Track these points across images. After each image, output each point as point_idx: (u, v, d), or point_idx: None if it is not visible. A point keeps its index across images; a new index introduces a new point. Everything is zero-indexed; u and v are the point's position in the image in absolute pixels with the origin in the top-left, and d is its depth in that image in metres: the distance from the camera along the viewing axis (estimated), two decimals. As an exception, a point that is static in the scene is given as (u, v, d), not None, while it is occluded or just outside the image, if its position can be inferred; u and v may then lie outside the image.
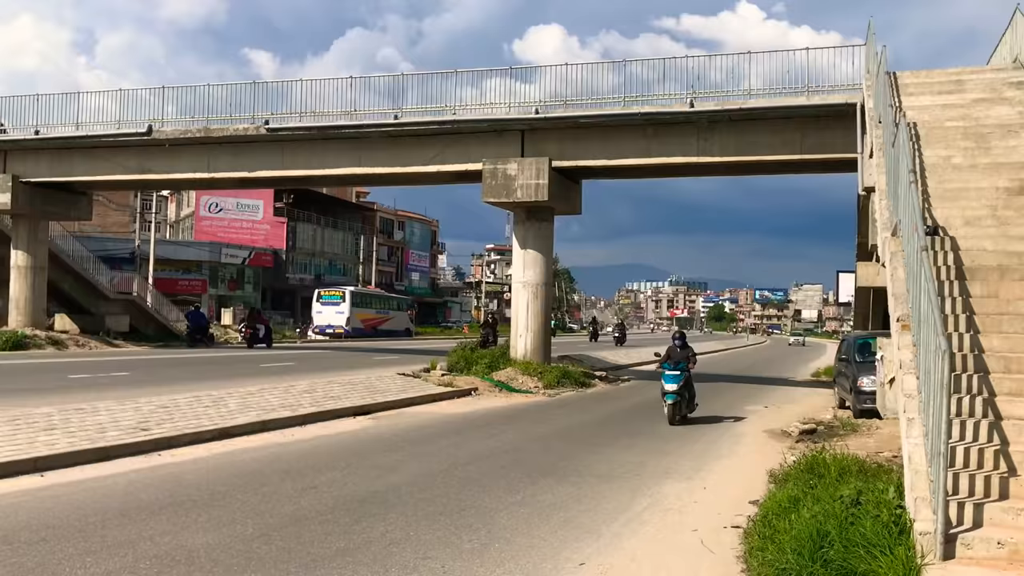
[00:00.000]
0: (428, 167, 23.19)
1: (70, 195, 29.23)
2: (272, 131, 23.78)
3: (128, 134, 25.49)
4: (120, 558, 5.32)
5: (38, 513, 6.46)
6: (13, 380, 16.31)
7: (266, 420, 11.46)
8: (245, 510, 6.73)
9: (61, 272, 32.32)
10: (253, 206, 66.02)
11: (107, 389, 14.40)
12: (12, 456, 7.95)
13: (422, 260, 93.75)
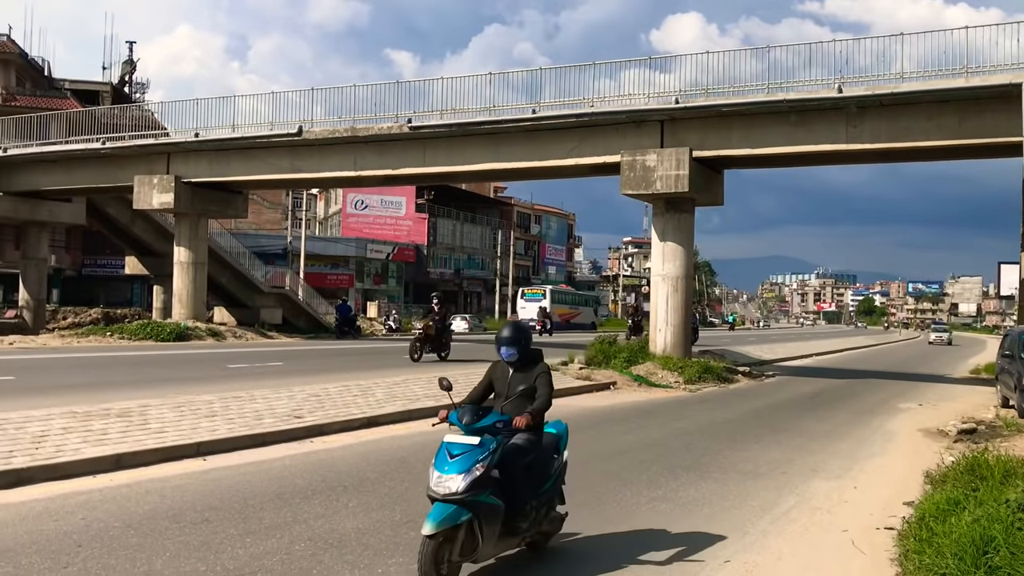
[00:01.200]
0: (565, 160, 23.21)
1: (227, 194, 30.79)
2: (414, 129, 24.35)
3: (280, 135, 26.65)
4: (277, 539, 5.57)
5: (202, 494, 6.85)
6: (177, 369, 17.35)
7: (411, 409, 11.76)
8: (393, 496, 6.94)
9: (219, 267, 34.16)
10: (396, 203, 67.82)
11: (263, 378, 15.13)
12: (178, 441, 8.46)
13: (558, 254, 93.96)
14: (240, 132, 27.38)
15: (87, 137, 29.55)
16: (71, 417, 8.75)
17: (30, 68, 54.17)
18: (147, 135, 29.42)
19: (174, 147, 28.83)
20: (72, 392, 11.82)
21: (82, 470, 7.31)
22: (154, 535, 5.57)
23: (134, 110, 33.56)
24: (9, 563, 4.88)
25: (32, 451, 7.44)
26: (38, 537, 5.47)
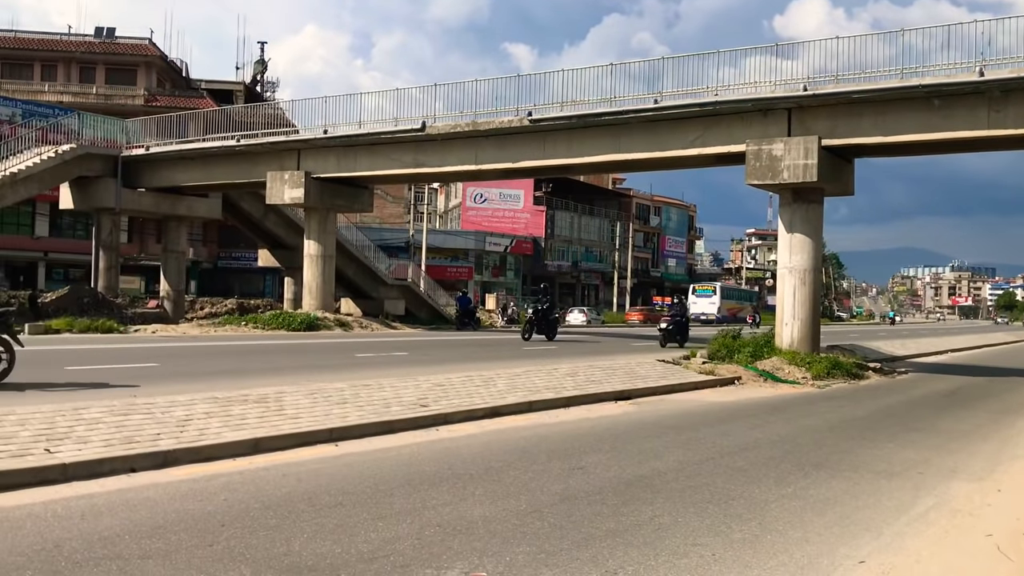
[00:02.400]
0: (688, 151, 22.88)
1: (354, 189, 31.68)
2: (534, 122, 24.47)
3: (404, 130, 27.25)
4: (407, 525, 5.71)
5: (335, 479, 7.08)
6: (309, 357, 17.98)
7: (532, 401, 11.85)
8: (517, 486, 7.01)
9: (346, 260, 35.21)
10: (514, 196, 68.29)
11: (389, 367, 15.52)
12: (312, 426, 8.77)
13: (678, 246, 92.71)
14: (366, 128, 28.14)
15: (223, 135, 30.93)
16: (212, 402, 9.18)
17: (170, 70, 57.07)
18: (278, 132, 30.56)
19: (304, 144, 29.84)
20: (212, 378, 12.42)
21: (223, 453, 7.67)
22: (292, 517, 5.79)
23: (266, 108, 34.94)
24: (160, 539, 5.17)
25: (177, 434, 7.85)
26: (185, 516, 5.77)
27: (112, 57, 53.81)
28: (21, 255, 46.41)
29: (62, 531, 5.30)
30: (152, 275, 44.37)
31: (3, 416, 7.65)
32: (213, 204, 35.80)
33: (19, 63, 53.44)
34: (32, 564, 4.62)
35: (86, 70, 53.73)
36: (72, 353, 17.13)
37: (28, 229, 46.62)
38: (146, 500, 6.16)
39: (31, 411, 7.99)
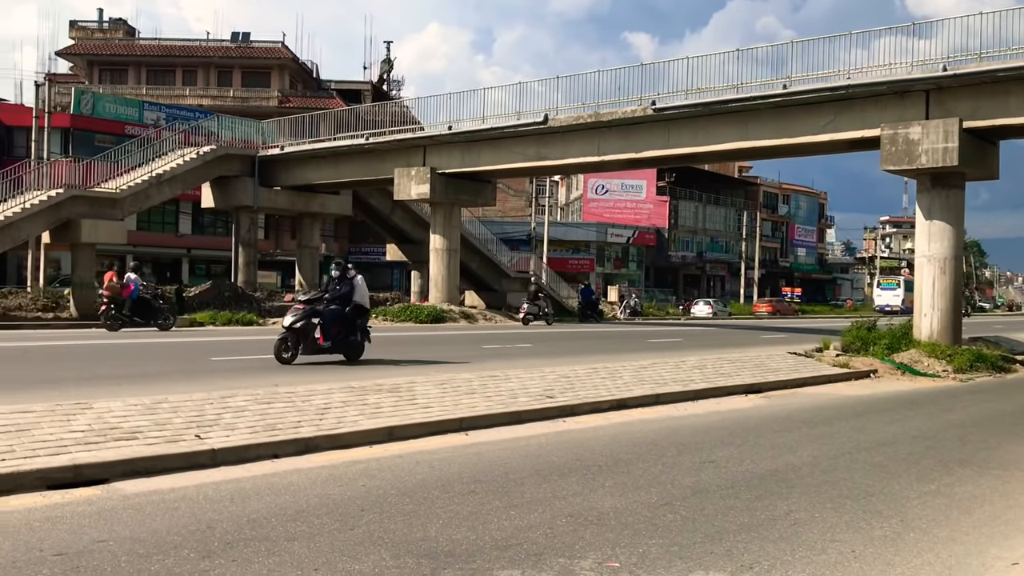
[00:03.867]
0: (819, 136, 22.18)
1: (477, 183, 32.09)
2: (658, 111, 24.20)
3: (526, 124, 27.40)
4: (539, 514, 5.77)
5: (467, 468, 7.23)
6: (438, 348, 18.35)
7: (659, 393, 11.76)
8: (647, 478, 6.98)
9: (470, 253, 35.72)
10: (637, 186, 67.65)
11: (514, 359, 15.68)
12: (442, 416, 8.97)
13: (808, 235, 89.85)
14: (489, 123, 28.45)
15: (352, 134, 31.86)
16: (349, 391, 9.51)
17: (301, 71, 59.11)
18: (404, 130, 31.25)
19: (429, 140, 30.42)
20: (344, 369, 12.82)
21: (360, 440, 7.94)
22: (427, 503, 5.95)
23: (392, 106, 35.76)
24: (304, 523, 5.40)
25: (317, 422, 8.17)
26: (326, 500, 6.00)
27: (247, 61, 56.15)
28: (167, 252, 49.05)
29: (213, 513, 5.60)
30: (287, 270, 46.14)
31: (157, 404, 8.13)
32: (344, 201, 36.92)
33: (163, 69, 56.42)
34: (188, 543, 4.91)
35: (224, 74, 56.25)
36: (215, 344, 18.01)
37: (172, 227, 49.19)
38: (289, 485, 6.45)
39: (183, 399, 8.47)
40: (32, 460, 6.28)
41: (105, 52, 56.56)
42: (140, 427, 7.34)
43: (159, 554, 4.70)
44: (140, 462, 6.59)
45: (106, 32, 58.69)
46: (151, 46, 57.19)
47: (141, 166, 31.13)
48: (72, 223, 28.05)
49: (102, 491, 6.10)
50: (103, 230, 28.91)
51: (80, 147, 40.16)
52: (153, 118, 45.28)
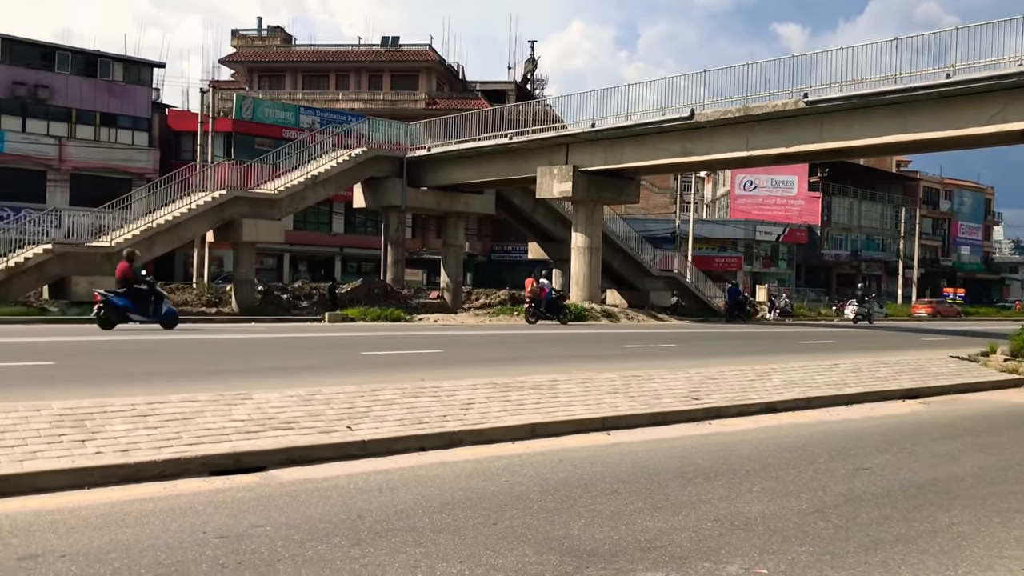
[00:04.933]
0: (985, 128, 20.89)
1: (620, 181, 31.89)
2: (810, 104, 23.39)
3: (672, 120, 27.03)
4: (683, 517, 5.67)
5: (609, 467, 7.18)
6: (577, 347, 18.35)
7: (810, 397, 11.34)
8: (797, 484, 6.74)
9: (612, 251, 35.55)
10: (787, 182, 65.59)
11: (657, 358, 15.48)
12: (584, 415, 8.95)
13: (973, 232, 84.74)
14: (632, 119, 28.22)
15: (495, 133, 32.27)
16: (492, 388, 9.62)
17: (448, 73, 60.36)
18: (547, 128, 31.41)
19: (572, 138, 30.45)
20: (489, 365, 13.00)
21: (503, 436, 8.02)
22: (569, 502, 5.94)
23: (535, 106, 36.01)
24: (449, 515, 5.49)
25: (462, 417, 8.30)
26: (470, 494, 6.09)
27: (397, 64, 57.83)
28: (321, 250, 51.13)
29: (363, 502, 5.77)
30: (433, 268, 47.26)
31: (312, 395, 8.46)
32: (487, 200, 37.45)
33: (317, 75, 58.86)
34: (339, 531, 5.08)
35: (374, 77, 58.16)
36: (365, 339, 18.62)
37: (326, 227, 51.22)
38: (435, 477, 6.58)
39: (335, 391, 8.78)
40: (197, 447, 6.65)
41: (264, 59, 59.50)
42: (296, 417, 7.66)
43: (312, 540, 4.88)
44: (295, 451, 6.88)
45: (265, 40, 61.71)
46: (306, 52, 59.75)
47: (297, 168, 32.53)
48: (234, 223, 29.61)
49: (260, 478, 6.40)
50: (262, 229, 30.39)
51: (241, 150, 42.39)
52: (308, 122, 47.27)
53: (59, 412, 7.04)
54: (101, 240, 26.81)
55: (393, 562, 4.53)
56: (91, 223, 28.13)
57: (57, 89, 42.89)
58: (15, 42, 43.05)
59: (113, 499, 5.69)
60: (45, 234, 27.08)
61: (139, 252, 21.99)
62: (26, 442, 6.37)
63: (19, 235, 26.19)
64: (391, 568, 4.44)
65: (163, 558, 4.50)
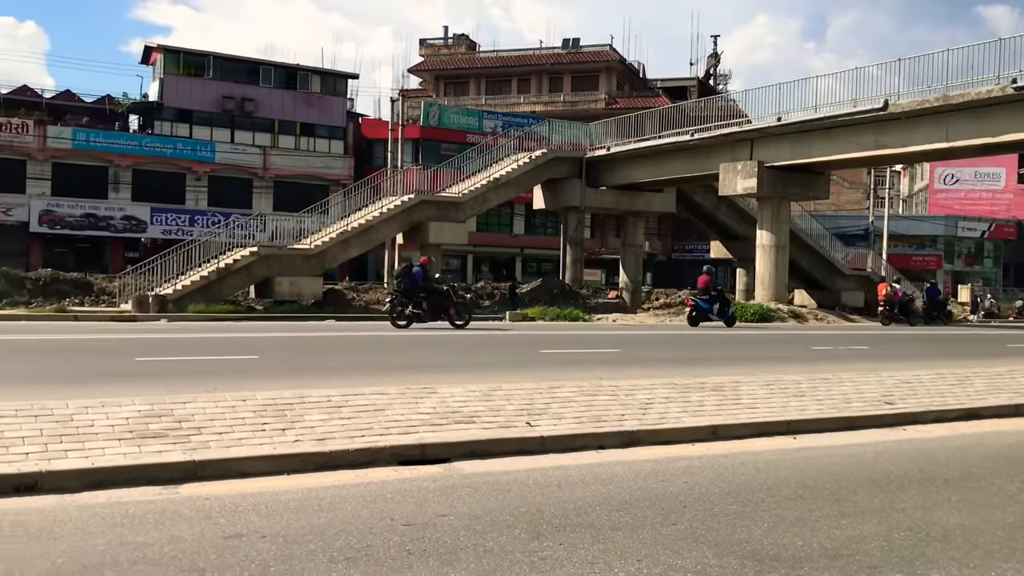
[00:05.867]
0: None
1: (808, 176, 30.69)
2: (1019, 89, 21.67)
3: (863, 111, 25.77)
4: (873, 525, 5.41)
5: (794, 472, 6.95)
6: (762, 348, 17.84)
7: (1019, 404, 10.51)
8: (1002, 496, 6.28)
9: (799, 250, 34.26)
10: (993, 174, 60.96)
11: (846, 361, 14.81)
12: (768, 417, 8.70)
13: None
14: (821, 112, 27.12)
15: (676, 131, 31.84)
16: (671, 388, 9.52)
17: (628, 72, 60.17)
18: (731, 124, 30.67)
19: (756, 133, 29.60)
20: (666, 365, 12.84)
21: (682, 437, 7.93)
22: (751, 505, 5.80)
23: (718, 101, 35.24)
24: (627, 514, 5.50)
25: (640, 416, 8.27)
26: (648, 494, 6.06)
27: (577, 66, 58.16)
28: (502, 251, 52.17)
29: (542, 497, 5.87)
30: (612, 268, 47.19)
31: (492, 391, 8.67)
32: (667, 198, 37.00)
33: (499, 79, 60.10)
34: (519, 524, 5.20)
35: (555, 80, 58.73)
36: (544, 338, 18.85)
37: (507, 228, 52.22)
38: (613, 476, 6.60)
39: (515, 387, 8.96)
40: (386, 437, 6.98)
41: (449, 67, 61.38)
42: (477, 412, 7.88)
43: (493, 531, 5.02)
44: (477, 444, 7.09)
45: (450, 48, 63.61)
46: (489, 58, 61.14)
47: (480, 172, 33.38)
48: (421, 225, 30.74)
49: (444, 469, 6.63)
50: (447, 231, 31.38)
51: (428, 156, 43.90)
52: (491, 126, 48.35)
53: (262, 402, 7.57)
54: (301, 243, 28.50)
55: (571, 557, 4.58)
56: (292, 227, 30.02)
57: (261, 102, 45.97)
58: (224, 59, 46.50)
59: (310, 485, 6.07)
60: (251, 238, 29.12)
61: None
62: (233, 430, 6.89)
63: (229, 239, 28.24)
64: (569, 563, 4.49)
65: (354, 542, 4.75)
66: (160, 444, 6.39)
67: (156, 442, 6.42)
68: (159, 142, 44.06)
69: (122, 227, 42.66)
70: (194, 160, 44.46)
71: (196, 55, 46.07)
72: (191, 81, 45.01)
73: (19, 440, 6.19)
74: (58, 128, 41.93)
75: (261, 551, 4.57)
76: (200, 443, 6.49)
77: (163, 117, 44.93)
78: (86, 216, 41.90)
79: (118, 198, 42.90)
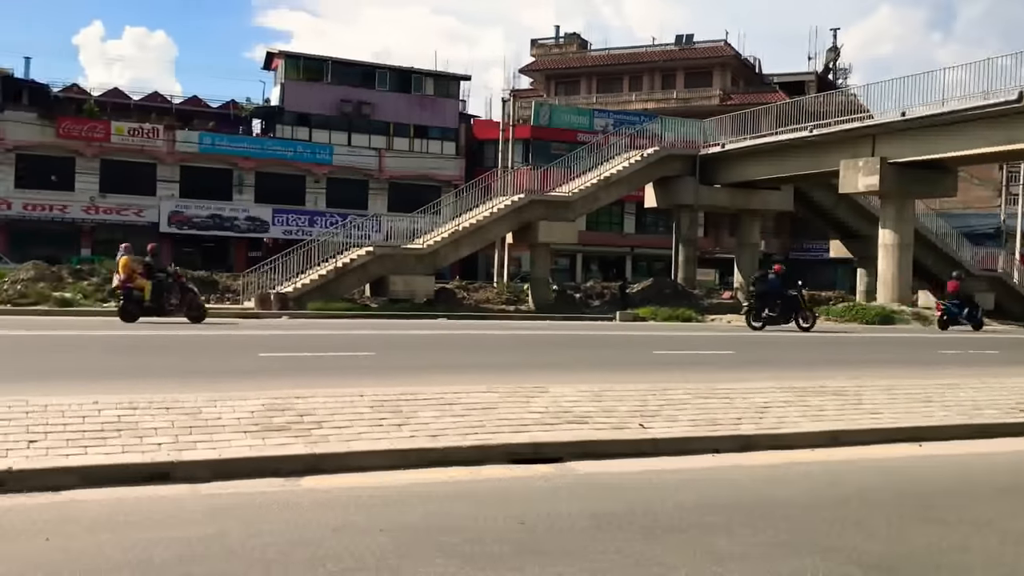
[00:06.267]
0: None
1: (934, 172, 29.38)
2: None
3: (995, 104, 24.55)
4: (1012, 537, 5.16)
5: (921, 480, 6.70)
6: (882, 351, 17.21)
7: None
8: None
9: (923, 249, 32.86)
10: None
11: (975, 365, 14.10)
12: (892, 423, 8.38)
13: None
14: (948, 106, 25.94)
15: (794, 127, 31.01)
16: (789, 391, 9.27)
17: (743, 68, 58.98)
18: (851, 119, 29.66)
19: (878, 128, 28.55)
20: (782, 367, 12.50)
21: (801, 442, 7.71)
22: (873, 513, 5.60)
23: (837, 96, 34.15)
24: (743, 518, 5.37)
25: (757, 420, 8.09)
26: (765, 499, 5.94)
27: (690, 62, 57.33)
28: (612, 250, 51.90)
29: (657, 499, 5.81)
30: (725, 268, 46.32)
31: (604, 391, 8.63)
32: (784, 196, 36.06)
33: (611, 77, 59.79)
34: (633, 525, 5.16)
35: (667, 77, 58.07)
36: (656, 339, 18.64)
37: (618, 227, 51.92)
38: (729, 480, 6.48)
39: (628, 388, 8.89)
40: (498, 436, 7.04)
41: (560, 66, 61.44)
42: (589, 412, 7.86)
43: (608, 532, 5.00)
44: (590, 444, 7.07)
45: (561, 47, 63.65)
46: (600, 57, 60.91)
47: (590, 170, 33.24)
48: (531, 225, 30.84)
49: (556, 469, 6.64)
50: (557, 230, 31.39)
51: (538, 155, 44.04)
52: (602, 125, 48.15)
53: (379, 398, 7.74)
54: (414, 242, 29.03)
55: (685, 561, 4.52)
56: (405, 227, 30.61)
57: (377, 105, 47.05)
58: (341, 64, 47.81)
59: (424, 480, 6.18)
60: (367, 238, 29.82)
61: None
62: (351, 424, 7.07)
63: (345, 239, 29.01)
64: (682, 566, 4.43)
65: (469, 538, 4.81)
66: (283, 437, 6.62)
67: (279, 435, 6.65)
68: (280, 145, 45.63)
69: (246, 227, 44.39)
70: (313, 163, 45.85)
71: (315, 60, 47.49)
72: (310, 86, 46.43)
73: (152, 431, 6.51)
74: (186, 132, 43.92)
75: (380, 544, 4.68)
76: (320, 437, 6.69)
77: (284, 121, 46.50)
78: (212, 217, 43.77)
79: (242, 199, 44.65)
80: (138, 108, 45.51)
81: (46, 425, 6.42)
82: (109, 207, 42.02)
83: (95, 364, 11.26)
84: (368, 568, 4.28)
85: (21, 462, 5.79)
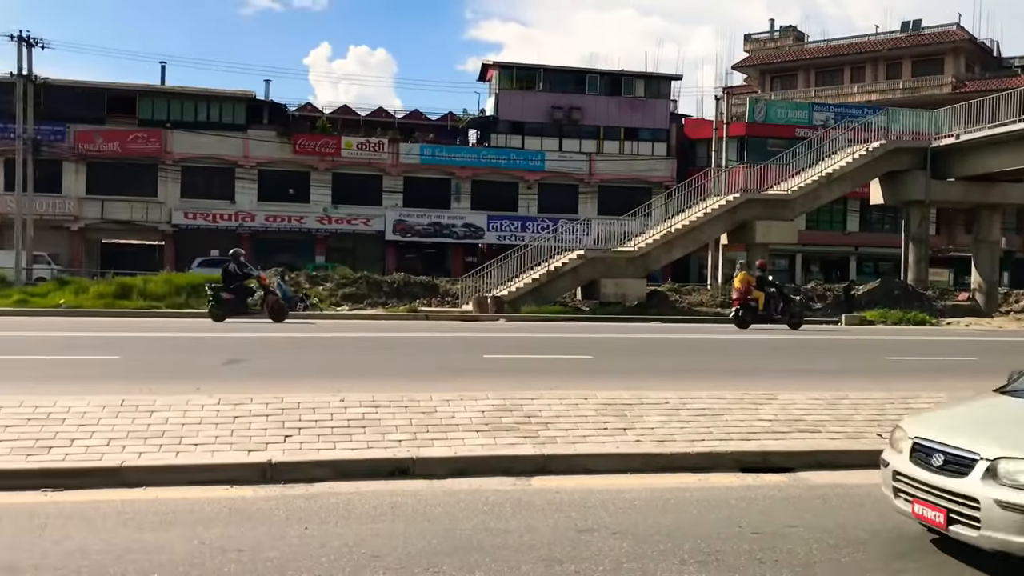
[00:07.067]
0: None
1: None
2: None
3: None
4: None
5: None
6: None
7: None
8: None
9: None
10: None
11: None
12: None
13: None
14: None
15: (1041, 113, 28.35)
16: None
17: (979, 52, 54.61)
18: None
19: None
20: None
21: None
22: None
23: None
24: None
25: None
26: None
27: (918, 49, 53.75)
28: (834, 250, 49.49)
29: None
30: (960, 267, 43.03)
31: (838, 399, 8.25)
32: (1029, 189, 33.04)
33: (830, 70, 57.08)
34: (875, 540, 4.93)
35: (892, 66, 54.73)
36: (887, 343, 17.61)
37: (840, 225, 49.41)
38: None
39: (863, 396, 8.45)
40: (727, 443, 6.91)
41: (775, 60, 59.36)
42: (822, 421, 7.55)
43: (848, 547, 4.79)
44: (823, 455, 6.81)
45: (777, 41, 61.50)
46: (818, 48, 58.33)
47: (809, 167, 31.85)
48: (747, 225, 29.97)
49: (788, 479, 6.43)
50: (775, 230, 30.34)
51: (753, 153, 42.72)
52: (821, 119, 46.05)
53: (603, 401, 7.80)
54: (625, 245, 28.96)
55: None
56: (616, 230, 30.57)
57: (587, 109, 47.38)
58: (552, 71, 48.53)
59: (652, 485, 6.16)
60: (578, 241, 30.07)
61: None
62: (576, 426, 7.17)
63: (557, 243, 29.40)
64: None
65: (702, 546, 4.76)
66: (512, 437, 6.82)
67: (509, 435, 6.85)
68: (495, 154, 46.94)
69: (462, 234, 45.99)
70: (526, 169, 46.83)
71: (527, 69, 48.51)
72: (523, 94, 47.46)
73: (392, 428, 6.89)
74: (408, 145, 46.13)
75: (613, 547, 4.72)
76: (547, 438, 6.83)
77: (498, 130, 47.81)
78: (432, 224, 45.69)
79: (459, 207, 46.32)
80: (365, 123, 48.28)
81: (299, 421, 6.95)
82: (340, 217, 44.80)
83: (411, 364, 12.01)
84: (606, 570, 4.33)
85: (279, 455, 6.30)
